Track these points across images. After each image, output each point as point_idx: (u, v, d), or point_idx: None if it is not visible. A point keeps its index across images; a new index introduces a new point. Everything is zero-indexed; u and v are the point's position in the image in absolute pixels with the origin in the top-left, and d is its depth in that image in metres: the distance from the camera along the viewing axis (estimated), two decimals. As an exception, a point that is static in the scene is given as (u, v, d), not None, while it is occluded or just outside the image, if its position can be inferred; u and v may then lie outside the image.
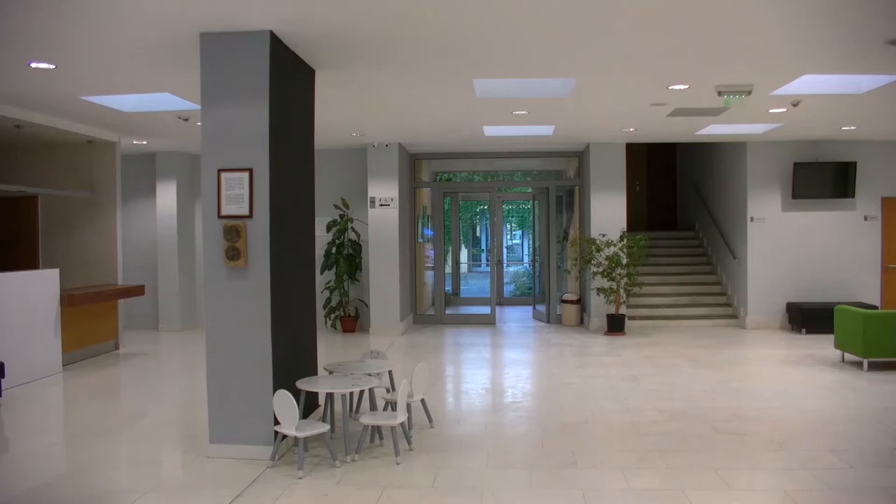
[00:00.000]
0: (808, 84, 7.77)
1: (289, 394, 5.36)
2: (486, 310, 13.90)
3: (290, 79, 6.12)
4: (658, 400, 7.47)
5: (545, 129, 10.92)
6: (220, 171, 5.58)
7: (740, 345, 10.89)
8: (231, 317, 5.59)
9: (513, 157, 13.81)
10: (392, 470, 5.37)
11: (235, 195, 5.56)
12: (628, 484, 5.05)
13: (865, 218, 12.48)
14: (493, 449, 5.98)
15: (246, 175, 5.55)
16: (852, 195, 12.29)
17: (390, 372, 6.73)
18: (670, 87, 7.82)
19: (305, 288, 6.66)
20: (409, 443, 5.85)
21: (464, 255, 26.56)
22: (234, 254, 5.53)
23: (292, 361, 6.10)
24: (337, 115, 9.31)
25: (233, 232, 5.52)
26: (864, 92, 8.12)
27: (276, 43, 5.63)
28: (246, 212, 5.55)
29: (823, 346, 10.49)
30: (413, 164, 13.60)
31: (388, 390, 6.78)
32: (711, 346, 10.65)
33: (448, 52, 6.27)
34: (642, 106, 8.91)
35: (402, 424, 5.75)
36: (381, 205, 12.30)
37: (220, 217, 5.58)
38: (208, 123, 5.64)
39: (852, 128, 10.99)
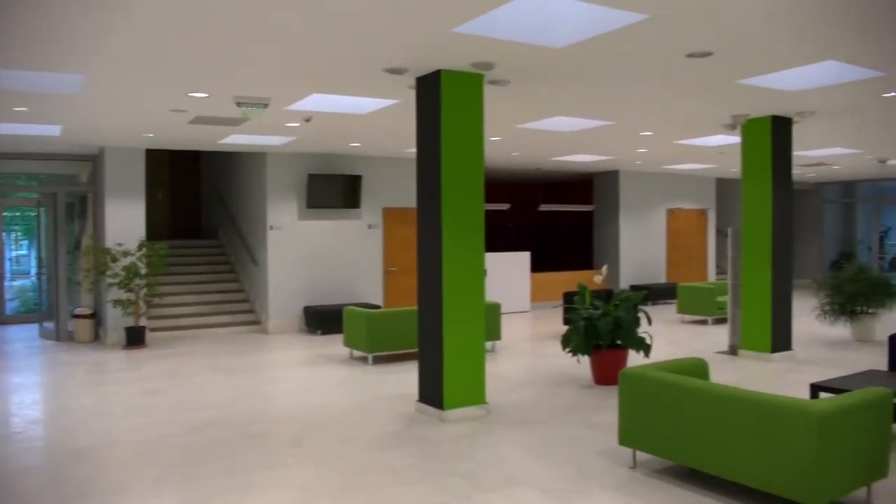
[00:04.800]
0: (320, 102, 8.35)
1: None
2: (-18, 330, 12.21)
3: None
4: (181, 411, 7.33)
5: (51, 129, 9.98)
6: None
7: (263, 349, 11.24)
8: None
9: (16, 158, 12.38)
10: None
11: None
12: None
13: (370, 226, 13.86)
14: (-10, 487, 5.27)
15: None
16: (359, 205, 13.54)
17: None
18: (190, 95, 7.75)
19: None
20: None
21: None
22: None
23: None
24: None
25: None
26: (366, 113, 9.01)
27: None
28: None
29: (336, 345, 11.38)
30: None
31: None
32: (236, 353, 10.81)
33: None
34: (162, 111, 8.69)
35: None
36: None
37: None
38: None
39: (358, 144, 12.11)
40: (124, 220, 11.99)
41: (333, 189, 13.26)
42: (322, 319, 12.55)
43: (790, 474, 4.28)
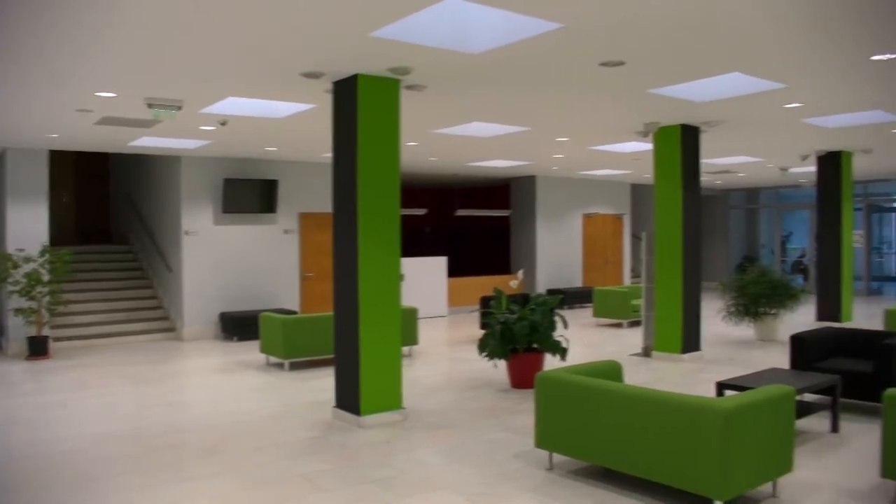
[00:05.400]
0: (235, 106, 8.20)
1: None
2: None
3: None
4: (87, 424, 7.06)
5: (-51, 129, 9.53)
6: None
7: (177, 357, 10.94)
8: None
9: None
10: None
11: None
12: (53, 518, 4.68)
13: (286, 231, 13.68)
14: None
15: None
16: (275, 210, 13.35)
17: None
18: (97, 94, 7.50)
19: None
20: None
21: None
22: None
23: None
24: None
25: None
26: (282, 117, 8.90)
27: None
28: None
29: (252, 351, 11.19)
30: None
31: None
32: (148, 362, 10.50)
33: None
34: (66, 111, 8.38)
35: None
36: None
37: None
38: None
39: (274, 149, 11.94)
40: (26, 225, 11.50)
41: (249, 194, 13.04)
42: (238, 326, 12.32)
43: (698, 470, 4.42)
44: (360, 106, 6.69)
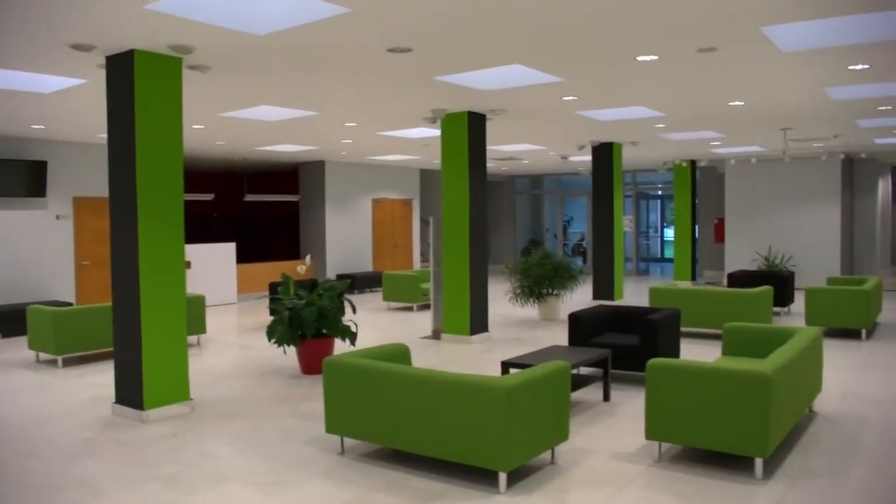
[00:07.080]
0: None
1: None
2: None
3: None
4: None
5: None
6: None
7: (-74, 358, 9.82)
8: None
9: None
10: None
11: None
12: None
13: (58, 217, 12.66)
14: None
15: None
16: (44, 194, 12.30)
17: None
18: None
19: None
20: None
21: None
22: None
23: None
24: None
25: None
26: (48, 92, 8.20)
27: None
28: None
29: (19, 348, 10.26)
30: None
31: None
32: None
33: None
34: None
35: None
36: None
37: None
38: None
39: (42, 127, 10.99)
40: None
41: (12, 175, 11.89)
42: (2, 321, 11.24)
43: (484, 445, 4.61)
44: (137, 84, 6.31)
